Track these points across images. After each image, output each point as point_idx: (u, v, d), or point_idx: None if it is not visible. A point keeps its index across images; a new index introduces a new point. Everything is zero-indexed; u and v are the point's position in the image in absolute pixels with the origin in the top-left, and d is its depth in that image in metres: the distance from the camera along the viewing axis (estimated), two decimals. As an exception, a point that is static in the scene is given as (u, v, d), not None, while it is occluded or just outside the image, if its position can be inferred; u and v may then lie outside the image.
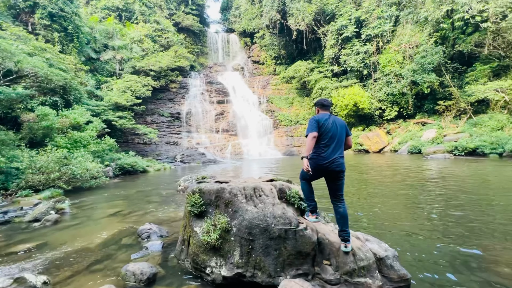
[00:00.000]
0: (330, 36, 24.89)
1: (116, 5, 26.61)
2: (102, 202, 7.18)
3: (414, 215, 4.53)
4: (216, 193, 2.86)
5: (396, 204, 5.29)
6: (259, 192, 2.71)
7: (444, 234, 3.64)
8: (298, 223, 2.41)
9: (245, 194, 2.72)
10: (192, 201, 2.95)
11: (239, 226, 2.51)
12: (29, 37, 14.78)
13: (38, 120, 12.70)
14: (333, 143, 2.66)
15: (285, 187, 2.87)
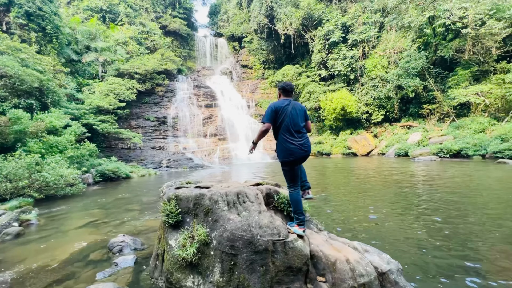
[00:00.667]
0: (317, 41, 25.18)
1: (100, 6, 25.79)
2: (76, 211, 6.59)
3: (413, 220, 4.33)
4: (195, 200, 2.51)
5: (391, 208, 5.09)
6: (243, 198, 2.38)
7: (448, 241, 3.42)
8: (288, 233, 2.10)
9: (227, 200, 2.38)
10: (167, 209, 2.58)
11: (220, 238, 2.16)
12: (1, 36, 13.88)
13: (10, 124, 11.84)
14: (291, 129, 2.65)
15: (272, 191, 2.56)
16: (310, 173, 11.49)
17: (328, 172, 11.80)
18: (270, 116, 2.64)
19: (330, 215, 4.64)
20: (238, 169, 17.38)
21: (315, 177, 9.97)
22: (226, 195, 2.41)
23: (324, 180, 8.99)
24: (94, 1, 25.76)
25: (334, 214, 4.74)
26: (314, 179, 9.37)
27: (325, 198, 5.90)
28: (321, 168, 13.69)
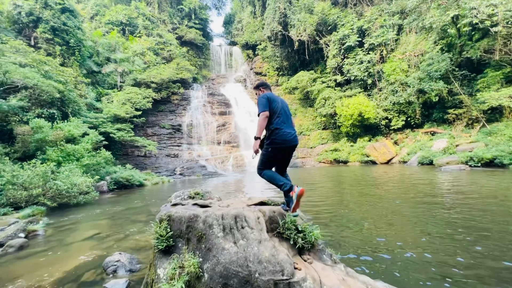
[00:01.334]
0: (332, 46, 24.64)
1: (120, 20, 27.04)
2: (84, 221, 6.51)
3: (452, 251, 3.66)
4: (188, 222, 2.18)
5: (422, 232, 4.47)
6: (242, 223, 2.01)
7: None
8: (294, 271, 1.70)
9: (223, 224, 2.02)
10: (157, 232, 2.27)
11: (212, 272, 1.81)
12: (28, 50, 14.72)
13: (32, 133, 12.34)
14: (286, 119, 2.71)
15: (277, 214, 2.17)
16: (325, 183, 10.88)
17: (346, 182, 11.12)
18: (266, 104, 2.64)
19: (348, 238, 4.12)
20: (251, 177, 17.01)
21: (331, 188, 9.38)
22: (223, 218, 2.06)
23: (341, 192, 8.39)
24: (115, 15, 27.05)
25: (353, 236, 4.19)
26: (330, 190, 8.79)
27: (342, 215, 5.36)
28: (338, 177, 12.99)
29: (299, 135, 27.12)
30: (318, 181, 11.81)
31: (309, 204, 6.51)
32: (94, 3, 27.56)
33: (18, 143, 12.25)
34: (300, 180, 12.49)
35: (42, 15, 17.59)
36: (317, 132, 26.80)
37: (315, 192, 8.37)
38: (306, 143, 26.26)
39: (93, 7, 27.32)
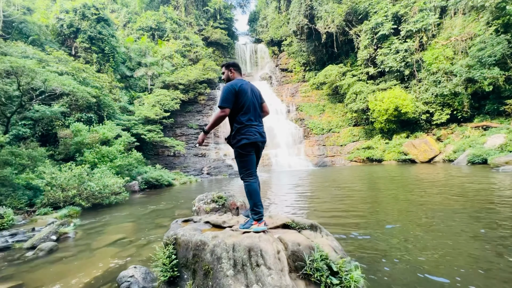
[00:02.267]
0: (363, 36, 22.95)
1: (150, 25, 28.23)
2: (112, 223, 6.64)
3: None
4: (195, 250, 1.82)
5: (483, 248, 3.64)
6: (257, 259, 1.58)
7: None
8: None
9: (234, 259, 1.62)
10: (161, 258, 1.94)
11: (219, 325, 1.41)
12: (68, 59, 15.88)
13: (72, 136, 13.28)
14: (255, 115, 2.55)
15: (302, 248, 1.69)
16: (358, 185, 9.97)
17: (383, 184, 10.09)
18: (230, 100, 2.42)
19: (396, 275, 3.29)
20: (277, 177, 16.52)
21: (365, 192, 8.51)
22: (234, 250, 1.66)
23: (379, 201, 7.52)
24: (145, 21, 28.31)
25: (403, 273, 3.04)
26: (364, 195, 7.96)
27: (384, 236, 4.62)
28: (373, 179, 11.90)
29: (327, 132, 25.90)
30: (349, 183, 10.92)
31: (340, 215, 5.86)
32: (126, 11, 29.14)
33: (61, 146, 13.28)
34: (329, 182, 11.69)
35: (80, 26, 18.93)
36: (347, 129, 25.31)
37: (347, 198, 7.63)
38: (336, 140, 24.95)
39: (126, 15, 28.91)
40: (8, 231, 6.27)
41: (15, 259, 4.44)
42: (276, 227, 2.02)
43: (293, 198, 8.20)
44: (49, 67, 14.03)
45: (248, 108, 2.45)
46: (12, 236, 5.80)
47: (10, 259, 4.46)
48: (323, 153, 23.95)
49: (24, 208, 8.30)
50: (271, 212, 5.68)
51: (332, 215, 5.68)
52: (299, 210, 6.41)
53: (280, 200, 8.03)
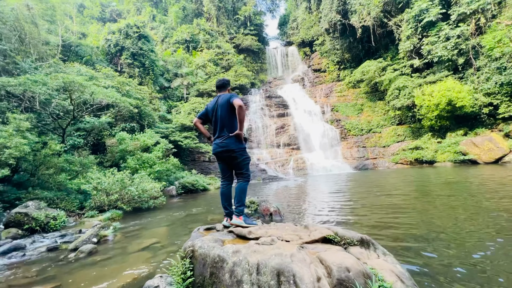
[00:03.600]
0: (405, 26, 20.95)
1: (184, 38, 29.89)
2: (148, 227, 6.76)
3: None
4: (212, 267, 1.49)
5: None
6: (289, 287, 1.15)
7: None
8: None
9: (258, 284, 1.22)
10: (177, 274, 1.63)
11: None
12: (115, 75, 17.42)
13: (118, 144, 14.36)
14: (217, 127, 3.02)
15: (354, 275, 1.20)
16: (408, 190, 8.73)
17: (439, 189, 8.69)
18: (201, 113, 3.25)
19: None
20: (314, 181, 15.67)
21: (420, 199, 7.36)
22: (258, 272, 1.26)
23: (439, 208, 6.39)
24: (180, 34, 30.08)
25: None
26: (419, 203, 6.86)
27: (456, 249, 3.71)
28: (425, 183, 10.41)
29: (367, 132, 24.04)
30: (398, 188, 9.69)
31: (392, 225, 5.04)
32: (164, 28, 31.35)
33: (108, 154, 14.45)
34: (373, 187, 10.55)
35: (124, 44, 20.77)
36: (390, 129, 23.17)
37: (398, 206, 6.65)
38: (377, 141, 22.98)
39: (163, 31, 31.10)
40: (60, 232, 6.79)
41: (60, 259, 4.66)
42: (314, 242, 1.57)
43: (331, 206, 7.47)
44: (98, 82, 15.51)
45: (213, 124, 3.08)
46: (61, 237, 6.23)
47: (56, 259, 4.70)
48: (363, 155, 22.20)
49: (75, 211, 9.04)
50: (305, 221, 5.12)
51: (383, 226, 4.88)
52: (341, 219, 5.69)
53: (317, 208, 7.38)
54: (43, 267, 4.33)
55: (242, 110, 2.84)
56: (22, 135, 7.59)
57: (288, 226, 2.15)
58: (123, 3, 35.18)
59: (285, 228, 1.96)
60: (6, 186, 8.55)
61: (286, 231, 1.89)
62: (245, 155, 3.14)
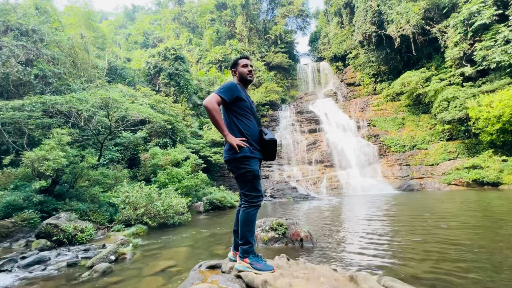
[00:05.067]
0: (452, 31, 19.08)
1: (217, 58, 31.30)
2: (169, 246, 6.36)
3: None
4: None
5: None
6: None
7: None
8: None
9: None
10: None
11: None
12: (152, 94, 18.52)
13: (150, 159, 14.81)
14: None
15: None
16: (471, 217, 7.09)
17: (510, 221, 6.94)
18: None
19: None
20: (350, 202, 14.19)
21: (475, 237, 5.85)
22: None
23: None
24: (214, 55, 31.61)
25: None
26: (476, 244, 5.40)
27: None
28: (488, 211, 8.50)
29: (411, 149, 21.69)
30: (456, 218, 8.05)
31: (462, 270, 3.86)
32: (199, 50, 33.36)
33: (141, 168, 14.94)
34: (426, 212, 8.96)
35: (162, 66, 22.28)
36: (439, 145, 20.60)
37: (462, 248, 5.30)
38: (423, 159, 20.50)
39: (198, 53, 33.06)
40: (84, 245, 6.73)
41: (73, 278, 4.41)
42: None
43: (373, 237, 6.33)
44: (137, 100, 16.53)
45: None
46: (85, 251, 6.11)
47: (71, 277, 4.46)
48: (407, 175, 19.84)
49: (105, 224, 9.13)
50: (342, 255, 4.03)
51: (444, 275, 3.68)
52: (387, 261, 4.50)
53: (355, 238, 6.30)
54: (55, 287, 4.09)
55: (207, 111, 2.33)
56: (62, 148, 7.98)
57: (324, 272, 1.46)
58: (164, 30, 38.62)
59: (319, 279, 1.27)
60: (47, 196, 9.00)
61: (321, 285, 1.20)
62: (242, 169, 2.39)
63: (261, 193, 2.48)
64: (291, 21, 43.22)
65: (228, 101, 2.43)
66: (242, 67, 2.63)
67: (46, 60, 12.13)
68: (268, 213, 11.74)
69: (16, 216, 7.73)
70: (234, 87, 2.47)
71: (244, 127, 2.49)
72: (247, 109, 2.53)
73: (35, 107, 8.74)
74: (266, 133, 2.49)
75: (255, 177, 2.42)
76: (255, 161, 2.47)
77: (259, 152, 2.57)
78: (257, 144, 2.55)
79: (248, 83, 2.72)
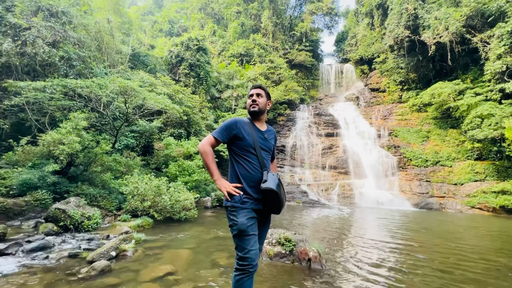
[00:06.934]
0: (496, 42, 17.48)
1: (240, 52, 30.91)
2: (171, 246, 6.19)
3: None
4: None
5: None
6: None
7: None
8: None
9: None
10: None
11: None
12: (171, 83, 18.53)
13: (164, 148, 14.84)
14: None
15: None
16: (483, 250, 6.36)
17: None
18: None
19: None
20: (362, 215, 13.55)
21: (499, 277, 5.15)
22: None
23: None
24: (236, 49, 31.24)
25: None
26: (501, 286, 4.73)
27: None
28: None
29: (433, 165, 20.46)
30: (479, 249, 7.30)
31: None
32: (222, 42, 33.08)
33: (154, 157, 15.04)
34: (445, 240, 8.25)
35: (184, 56, 22.25)
36: (465, 163, 19.23)
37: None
38: (447, 177, 19.26)
39: (221, 45, 32.81)
40: (89, 233, 6.73)
41: (72, 273, 4.30)
42: None
43: (389, 261, 5.81)
44: (156, 89, 16.56)
45: None
46: (88, 241, 6.09)
47: (69, 271, 4.37)
48: (427, 192, 18.71)
49: (113, 211, 9.19)
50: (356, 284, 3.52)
51: None
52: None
53: (369, 262, 5.82)
54: (51, 282, 3.99)
55: (201, 154, 2.22)
56: (78, 133, 8.00)
57: None
58: (190, 20, 38.65)
59: None
60: (61, 178, 9.16)
61: None
62: (230, 220, 2.10)
63: (249, 255, 1.97)
64: (318, 19, 41.86)
65: (225, 141, 2.24)
66: (249, 97, 2.42)
67: (72, 42, 12.31)
68: (275, 217, 11.40)
69: (30, 195, 7.89)
70: (232, 125, 2.24)
71: (241, 170, 2.17)
72: (247, 148, 2.20)
73: (56, 90, 8.83)
74: (266, 180, 2.06)
75: (241, 233, 2.00)
76: (245, 213, 2.05)
77: (257, 201, 2.14)
78: (257, 191, 2.13)
79: (254, 115, 2.40)
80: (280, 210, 2.22)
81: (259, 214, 2.17)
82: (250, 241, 2.00)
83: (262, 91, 2.42)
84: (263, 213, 2.22)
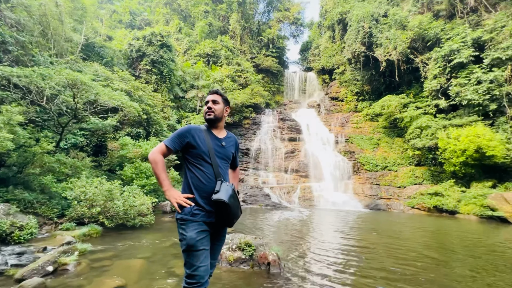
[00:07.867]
0: (433, 64, 20.16)
1: (206, 52, 30.34)
2: (122, 257, 5.69)
3: None
4: None
5: None
6: None
7: None
8: None
9: None
10: None
11: None
12: (130, 79, 17.26)
13: (119, 149, 13.68)
14: None
15: None
16: (425, 250, 7.30)
17: (461, 257, 7.22)
18: None
19: None
20: (321, 217, 14.27)
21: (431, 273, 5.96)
22: None
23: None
24: (203, 48, 30.58)
25: None
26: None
27: None
28: (452, 240, 8.87)
29: (382, 169, 22.57)
30: (422, 246, 8.25)
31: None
32: (188, 40, 32.09)
33: (108, 158, 13.77)
34: (393, 238, 9.13)
35: (146, 51, 20.97)
36: (408, 169, 21.64)
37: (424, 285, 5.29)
38: (393, 180, 21.41)
39: (187, 43, 31.79)
40: (21, 246, 5.83)
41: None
42: None
43: (344, 259, 6.19)
44: (112, 84, 15.26)
45: None
46: (19, 255, 5.25)
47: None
48: (377, 194, 20.57)
49: (54, 219, 8.11)
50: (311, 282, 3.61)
51: None
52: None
53: (326, 261, 6.13)
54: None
55: (151, 163, 2.10)
56: (11, 129, 6.91)
57: None
58: (154, 14, 36.70)
59: None
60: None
61: None
62: (179, 234, 2.02)
63: (198, 272, 1.84)
64: (285, 27, 43.42)
65: (177, 150, 2.13)
66: (205, 104, 2.35)
67: (8, 24, 10.65)
68: (236, 222, 11.33)
69: None
70: (185, 133, 2.14)
71: (193, 180, 2.07)
72: (202, 156, 2.08)
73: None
74: (218, 191, 1.95)
75: (190, 248, 1.88)
76: (195, 226, 1.93)
77: (209, 214, 2.01)
78: (209, 202, 2.00)
79: (210, 122, 2.31)
80: (233, 223, 2.12)
81: (211, 227, 2.04)
82: (199, 257, 1.88)
83: (219, 97, 2.32)
84: (216, 226, 2.09)
